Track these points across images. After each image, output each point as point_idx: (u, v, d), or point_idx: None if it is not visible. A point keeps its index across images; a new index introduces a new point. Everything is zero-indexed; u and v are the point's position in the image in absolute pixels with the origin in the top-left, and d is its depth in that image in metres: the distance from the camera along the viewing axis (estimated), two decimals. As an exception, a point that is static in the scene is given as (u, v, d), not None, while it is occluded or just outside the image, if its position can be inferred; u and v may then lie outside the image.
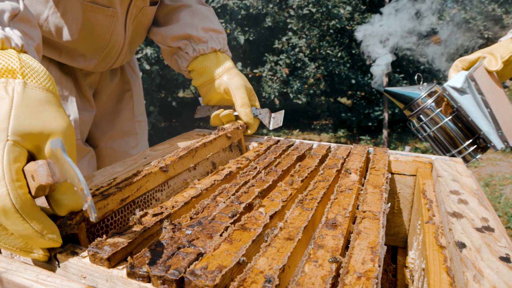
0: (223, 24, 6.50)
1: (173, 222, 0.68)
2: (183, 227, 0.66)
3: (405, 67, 7.57)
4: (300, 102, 7.43)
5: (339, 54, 7.44)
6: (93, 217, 0.52)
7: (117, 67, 1.36)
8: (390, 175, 1.02)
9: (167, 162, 0.89)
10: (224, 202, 0.77)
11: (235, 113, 1.27)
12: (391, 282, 1.03)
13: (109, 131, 1.43)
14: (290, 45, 7.26)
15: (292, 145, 1.23)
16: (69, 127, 0.62)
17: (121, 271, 0.55)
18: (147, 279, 0.53)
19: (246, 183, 0.88)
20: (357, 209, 0.77)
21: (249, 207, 0.76)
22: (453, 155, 1.33)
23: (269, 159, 1.05)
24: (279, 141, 1.27)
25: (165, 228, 0.66)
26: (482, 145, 1.30)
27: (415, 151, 6.79)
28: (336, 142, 7.39)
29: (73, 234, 0.63)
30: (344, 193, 0.83)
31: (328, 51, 7.33)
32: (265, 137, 1.32)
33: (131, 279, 0.54)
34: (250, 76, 7.57)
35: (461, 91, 1.25)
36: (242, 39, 6.63)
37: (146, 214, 0.69)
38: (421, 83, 1.38)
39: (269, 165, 1.01)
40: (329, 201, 0.78)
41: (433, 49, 1.60)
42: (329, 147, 1.22)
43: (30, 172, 0.56)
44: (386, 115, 6.85)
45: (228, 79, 1.27)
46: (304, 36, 7.21)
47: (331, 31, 7.49)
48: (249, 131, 1.29)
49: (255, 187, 0.84)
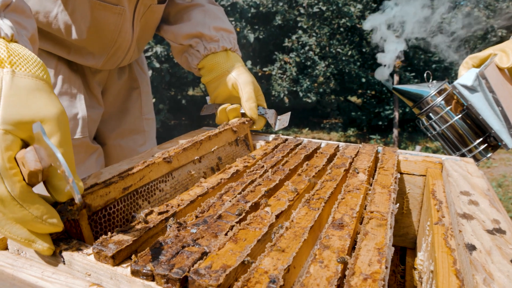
0: (233, 22, 6.50)
1: (178, 220, 0.68)
2: (188, 225, 0.66)
3: (416, 66, 7.49)
4: (309, 100, 7.40)
5: (349, 52, 7.39)
6: (76, 199, 0.52)
7: (125, 65, 1.37)
8: (399, 175, 1.00)
9: (171, 153, 0.88)
10: (230, 201, 0.76)
11: (242, 111, 1.27)
12: (400, 283, 1.01)
13: (117, 128, 1.43)
14: (300, 43, 7.23)
15: (300, 144, 1.22)
16: (61, 114, 0.61)
17: (125, 269, 0.55)
18: (151, 277, 0.53)
19: (252, 182, 0.88)
20: (365, 209, 0.76)
21: (255, 206, 0.75)
22: (463, 154, 1.31)
23: (277, 158, 1.04)
24: (287, 139, 1.26)
25: (170, 226, 0.66)
26: (493, 143, 1.28)
27: (426, 150, 6.72)
28: (345, 141, 7.35)
29: (74, 220, 0.63)
30: (351, 193, 0.82)
31: (338, 50, 7.28)
32: (273, 136, 1.31)
33: (135, 277, 0.53)
34: (259, 74, 7.56)
35: (471, 89, 1.22)
36: (251, 37, 6.63)
37: (151, 212, 0.69)
38: (431, 80, 1.36)
39: (276, 164, 1.00)
40: (336, 201, 0.77)
41: (442, 38, 1.55)
42: (338, 146, 1.21)
43: (20, 159, 0.56)
44: (396, 114, 6.80)
45: (236, 75, 1.29)
46: (314, 34, 7.17)
47: (342, 29, 7.45)
48: (255, 127, 1.28)
49: (261, 186, 0.84)
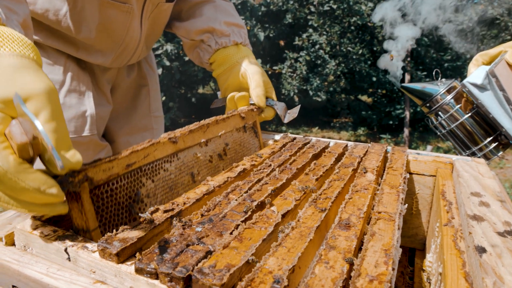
0: (243, 20, 6.48)
1: (183, 219, 0.68)
2: (194, 224, 0.66)
3: (428, 65, 7.39)
4: (319, 99, 7.35)
5: (360, 51, 7.32)
6: (58, 165, 0.52)
7: (133, 62, 1.37)
8: (408, 175, 0.99)
9: (176, 134, 0.87)
10: (236, 199, 0.76)
11: (251, 102, 1.26)
12: (408, 285, 1.00)
13: (125, 126, 1.44)
14: (310, 42, 7.19)
15: (308, 143, 1.21)
16: (50, 89, 0.60)
17: (129, 267, 0.55)
18: (155, 275, 0.53)
19: (259, 180, 0.87)
20: (372, 209, 0.75)
21: (261, 205, 0.75)
22: (473, 153, 1.29)
23: (284, 157, 1.04)
24: (295, 138, 1.25)
25: (175, 224, 0.65)
26: (503, 141, 1.25)
27: (437, 150, 6.64)
28: (356, 140, 7.29)
29: (75, 192, 0.62)
30: (359, 193, 0.81)
31: (349, 48, 7.22)
32: (281, 135, 1.30)
33: (139, 275, 0.53)
34: (269, 73, 7.53)
35: (481, 88, 1.20)
36: (262, 35, 6.61)
37: (157, 210, 0.69)
38: (439, 78, 1.33)
39: (283, 163, 1.00)
40: (343, 201, 0.76)
41: (452, 26, 1.51)
42: (346, 146, 1.19)
43: (8, 135, 0.56)
44: (407, 114, 6.72)
45: (246, 65, 1.31)
46: (324, 33, 7.12)
47: (352, 27, 7.38)
48: (263, 115, 1.28)
49: (268, 185, 0.83)
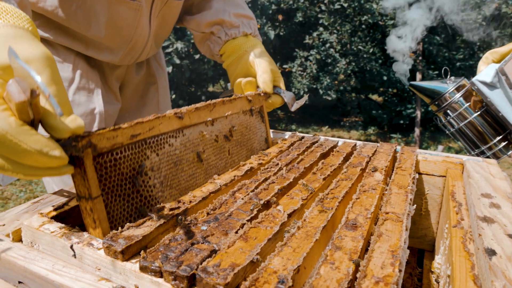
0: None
1: (189, 217, 0.67)
2: (199, 222, 0.66)
3: (440, 64, 7.30)
4: (330, 98, 7.32)
5: (371, 50, 7.26)
6: (57, 112, 0.51)
7: (142, 60, 1.38)
8: (417, 176, 0.98)
9: (182, 110, 0.86)
10: (242, 198, 0.75)
11: (259, 90, 1.25)
12: (416, 286, 0.99)
13: (134, 124, 1.45)
14: (321, 40, 7.15)
15: (316, 142, 1.20)
16: (46, 55, 0.60)
17: (134, 265, 0.55)
18: (159, 274, 0.53)
19: (266, 179, 0.87)
20: (380, 210, 0.74)
21: (268, 204, 0.74)
22: (482, 151, 1.27)
23: (292, 156, 1.03)
24: (303, 137, 1.24)
25: (181, 223, 0.65)
26: (513, 140, 1.23)
27: (449, 150, 6.56)
28: (366, 140, 7.24)
29: (78, 158, 0.61)
30: (367, 193, 0.80)
31: (359, 47, 7.16)
32: (289, 133, 1.29)
33: (144, 273, 0.53)
34: (280, 71, 7.52)
35: (490, 86, 1.18)
36: (272, 34, 6.60)
37: (163, 208, 0.69)
38: (449, 76, 1.32)
39: (291, 162, 0.99)
40: (350, 201, 0.75)
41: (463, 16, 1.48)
42: (355, 145, 1.18)
43: (6, 97, 0.55)
44: (418, 113, 6.66)
45: (254, 54, 1.31)
46: (335, 31, 7.08)
47: (363, 26, 7.32)
48: (270, 100, 1.27)
49: (275, 184, 0.83)
